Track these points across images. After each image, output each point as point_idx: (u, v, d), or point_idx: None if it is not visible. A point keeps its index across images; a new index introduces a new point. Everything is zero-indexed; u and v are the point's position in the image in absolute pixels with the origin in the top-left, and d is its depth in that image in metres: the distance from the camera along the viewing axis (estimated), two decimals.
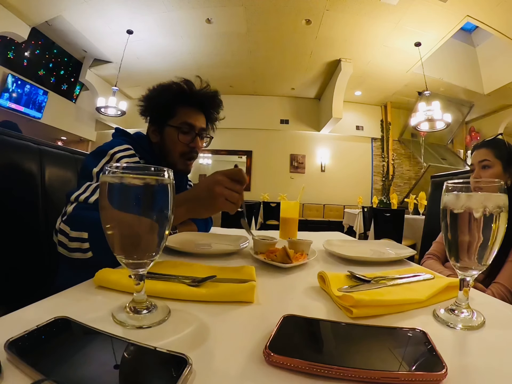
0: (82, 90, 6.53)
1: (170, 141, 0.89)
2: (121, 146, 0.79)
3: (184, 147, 0.89)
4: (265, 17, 4.32)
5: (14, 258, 0.82)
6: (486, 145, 1.04)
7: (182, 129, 0.88)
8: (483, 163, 1.01)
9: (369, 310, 0.40)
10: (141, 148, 0.87)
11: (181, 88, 0.89)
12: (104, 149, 0.77)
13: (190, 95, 0.90)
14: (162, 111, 0.89)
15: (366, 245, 0.95)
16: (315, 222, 6.42)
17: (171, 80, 0.91)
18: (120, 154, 0.77)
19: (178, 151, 0.89)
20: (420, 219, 2.98)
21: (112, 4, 4.09)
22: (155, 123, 0.91)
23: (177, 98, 0.88)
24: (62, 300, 0.41)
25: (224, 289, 0.44)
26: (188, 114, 0.89)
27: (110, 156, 0.76)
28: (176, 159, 0.90)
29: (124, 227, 0.35)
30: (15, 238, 0.81)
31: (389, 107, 7.07)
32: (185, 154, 0.90)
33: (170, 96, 0.88)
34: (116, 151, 0.77)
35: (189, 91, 0.90)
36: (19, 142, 0.89)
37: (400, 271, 0.59)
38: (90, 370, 0.25)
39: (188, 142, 0.89)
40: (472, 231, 0.38)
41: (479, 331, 0.37)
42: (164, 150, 0.90)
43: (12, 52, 4.92)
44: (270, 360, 0.27)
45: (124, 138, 0.86)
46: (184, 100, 0.89)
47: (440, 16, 3.96)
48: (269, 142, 7.25)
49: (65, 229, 0.63)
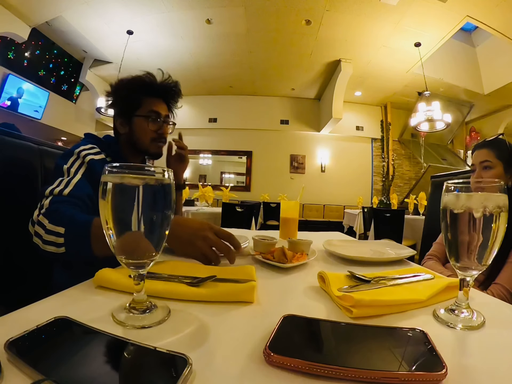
0: (82, 91, 6.54)
1: (140, 129, 0.95)
2: (86, 145, 0.86)
3: (153, 133, 0.97)
4: (265, 18, 4.32)
5: (14, 258, 0.82)
6: (487, 145, 1.03)
7: (150, 117, 0.95)
8: (484, 164, 1.00)
9: (369, 310, 0.40)
10: (108, 147, 0.93)
11: (145, 80, 0.96)
12: (71, 150, 0.84)
13: (154, 86, 0.97)
14: (129, 103, 0.95)
15: (366, 245, 0.94)
16: (315, 223, 6.42)
17: (132, 75, 0.98)
18: (85, 152, 0.83)
19: (147, 137, 0.96)
20: (420, 219, 2.98)
21: (112, 4, 4.10)
22: (122, 115, 0.97)
23: (142, 90, 0.95)
24: (62, 300, 0.41)
25: (224, 289, 0.44)
26: (154, 103, 0.97)
27: (77, 154, 0.82)
28: (147, 145, 0.97)
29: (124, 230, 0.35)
30: (15, 238, 0.81)
31: (389, 107, 7.07)
32: (155, 139, 0.98)
33: (136, 88, 0.95)
34: (82, 150, 0.84)
35: (152, 83, 0.97)
36: (19, 142, 0.89)
37: (400, 271, 0.59)
38: (90, 370, 0.25)
39: (157, 129, 0.97)
40: (472, 231, 0.38)
41: (479, 331, 0.37)
42: (133, 139, 0.97)
43: (12, 53, 4.93)
44: (270, 360, 0.27)
45: (90, 140, 0.93)
46: (149, 91, 0.96)
47: (440, 16, 3.96)
48: (269, 143, 7.25)
49: (43, 221, 0.65)
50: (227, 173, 7.82)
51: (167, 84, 1.00)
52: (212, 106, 7.13)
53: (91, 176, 0.79)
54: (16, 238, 0.80)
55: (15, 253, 0.82)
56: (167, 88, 1.00)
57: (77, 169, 0.80)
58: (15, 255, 0.82)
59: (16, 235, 0.80)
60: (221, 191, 3.35)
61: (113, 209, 0.34)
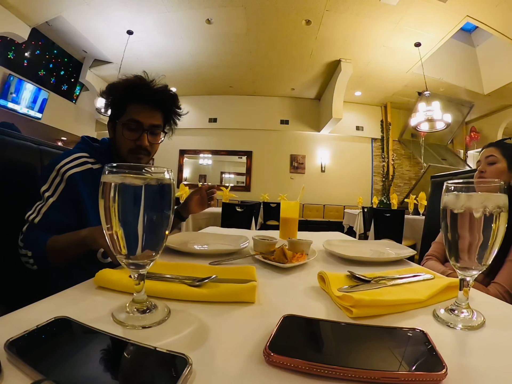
0: (82, 91, 6.53)
1: (118, 137, 0.90)
2: (69, 157, 0.84)
3: (130, 143, 0.88)
4: (265, 18, 4.32)
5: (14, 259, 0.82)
6: (494, 144, 1.09)
7: (128, 126, 0.87)
8: (489, 159, 1.04)
9: (369, 310, 0.40)
10: (98, 153, 0.90)
11: (129, 85, 0.88)
12: (53, 164, 0.83)
13: (136, 91, 0.88)
14: (115, 108, 0.91)
15: (366, 245, 0.94)
16: (315, 223, 6.41)
17: (126, 76, 0.91)
18: (66, 166, 0.82)
19: (126, 148, 0.89)
20: (420, 219, 2.98)
21: (112, 4, 4.09)
22: (110, 119, 0.93)
23: (126, 95, 0.88)
24: (62, 300, 0.41)
25: (225, 289, 0.44)
26: (137, 111, 0.88)
27: (57, 172, 0.81)
28: (124, 156, 0.90)
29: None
30: (15, 238, 0.81)
31: (389, 107, 7.06)
32: (132, 150, 0.89)
33: (120, 93, 0.89)
34: (62, 165, 0.82)
35: (135, 87, 0.88)
36: (19, 142, 0.89)
37: (400, 271, 0.59)
38: (90, 370, 0.25)
39: (133, 138, 0.88)
40: (472, 231, 0.38)
41: (479, 331, 0.37)
42: (116, 146, 0.92)
43: (12, 53, 4.93)
44: (270, 360, 0.27)
45: (80, 146, 0.90)
46: (133, 97, 0.88)
47: (440, 16, 3.96)
48: (269, 143, 7.24)
49: (20, 245, 0.79)
50: (227, 173, 7.81)
51: (153, 89, 0.89)
52: (212, 106, 7.12)
53: (70, 191, 0.80)
54: (16, 238, 0.80)
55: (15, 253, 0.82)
56: (152, 94, 0.89)
57: (55, 189, 0.80)
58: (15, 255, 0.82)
59: (16, 235, 0.80)
60: (221, 191, 3.35)
61: (113, 209, 0.34)
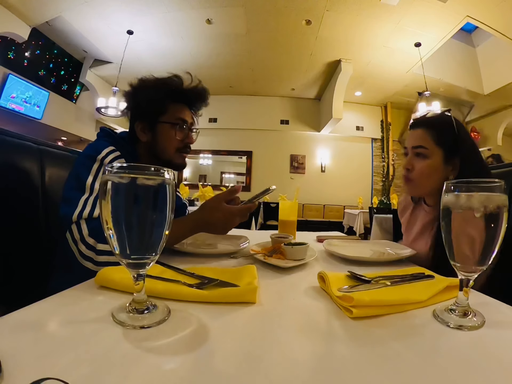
0: (82, 91, 6.53)
1: (165, 137, 0.88)
2: (108, 148, 0.79)
3: (179, 143, 0.89)
4: (265, 18, 4.32)
5: (14, 258, 0.82)
6: (426, 124, 0.80)
7: (178, 125, 0.88)
8: (418, 151, 0.79)
9: (369, 310, 0.40)
10: (124, 150, 0.85)
11: (172, 84, 0.88)
12: (92, 154, 0.77)
13: (183, 92, 0.89)
14: (153, 107, 0.87)
15: (366, 245, 0.94)
16: (315, 223, 6.41)
17: (153, 75, 0.90)
18: (108, 158, 0.77)
19: (173, 147, 0.89)
20: None
21: (112, 4, 4.09)
22: (144, 120, 0.88)
23: (169, 94, 0.87)
24: (62, 300, 0.41)
25: (226, 290, 0.44)
26: (181, 110, 0.90)
27: (100, 162, 0.76)
28: (171, 155, 0.89)
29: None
30: (15, 238, 0.81)
31: (389, 107, 7.06)
32: (180, 149, 0.91)
33: (162, 91, 0.86)
34: (104, 156, 0.77)
35: (182, 87, 0.89)
36: (19, 142, 0.89)
37: (400, 271, 0.59)
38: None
39: (184, 137, 0.90)
40: (473, 231, 0.38)
41: (479, 331, 0.37)
42: (157, 148, 0.88)
43: (13, 53, 4.92)
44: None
45: (108, 139, 0.85)
46: (176, 96, 0.89)
47: (440, 16, 3.96)
48: (269, 143, 7.24)
49: (90, 243, 0.66)
50: (227, 173, 7.81)
51: (197, 91, 0.92)
52: (212, 106, 6.95)
53: None
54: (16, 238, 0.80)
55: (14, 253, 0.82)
56: (196, 95, 0.92)
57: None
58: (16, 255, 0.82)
59: (16, 235, 0.80)
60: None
61: (113, 209, 0.34)
